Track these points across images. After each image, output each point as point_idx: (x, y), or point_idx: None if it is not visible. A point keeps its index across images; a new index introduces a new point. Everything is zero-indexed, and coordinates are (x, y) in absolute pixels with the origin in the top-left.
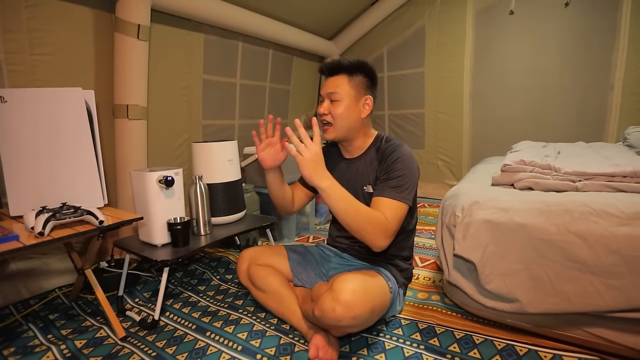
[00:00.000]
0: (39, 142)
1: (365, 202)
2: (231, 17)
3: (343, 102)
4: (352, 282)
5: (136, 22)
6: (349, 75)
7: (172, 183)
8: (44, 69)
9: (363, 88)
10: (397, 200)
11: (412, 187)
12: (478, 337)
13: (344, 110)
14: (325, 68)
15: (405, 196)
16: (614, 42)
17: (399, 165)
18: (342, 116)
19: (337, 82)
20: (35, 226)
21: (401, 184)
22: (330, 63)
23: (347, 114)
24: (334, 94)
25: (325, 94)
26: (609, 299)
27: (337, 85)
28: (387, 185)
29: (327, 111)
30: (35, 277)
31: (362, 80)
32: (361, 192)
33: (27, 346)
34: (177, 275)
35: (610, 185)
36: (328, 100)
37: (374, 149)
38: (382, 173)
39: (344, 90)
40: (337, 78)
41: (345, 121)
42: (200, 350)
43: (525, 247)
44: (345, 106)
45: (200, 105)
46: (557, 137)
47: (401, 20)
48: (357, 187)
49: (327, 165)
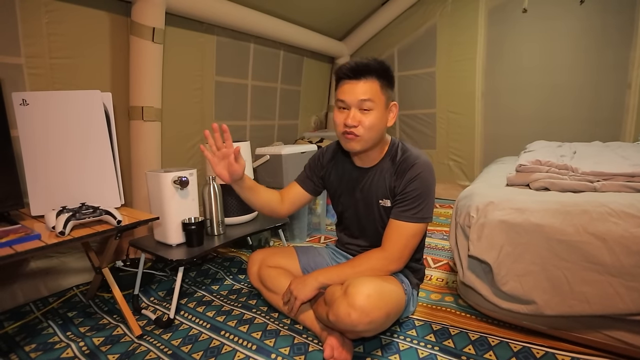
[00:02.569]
0: (58, 143)
1: (381, 216)
2: (243, 19)
3: (376, 110)
4: (366, 286)
5: (151, 25)
6: (379, 78)
7: (187, 183)
8: (63, 72)
9: (390, 93)
10: (414, 223)
11: (429, 204)
12: (493, 339)
13: (376, 121)
14: (349, 70)
15: (424, 215)
16: (632, 39)
17: (416, 184)
18: (375, 127)
19: (370, 88)
20: (57, 226)
21: (417, 204)
22: (356, 64)
23: (380, 124)
24: (368, 101)
25: (355, 101)
26: (629, 301)
27: (371, 91)
28: (404, 207)
29: (357, 122)
30: (54, 275)
31: (387, 84)
32: (376, 206)
33: (47, 343)
34: (190, 275)
35: (629, 185)
36: (356, 108)
37: (389, 159)
38: (399, 191)
39: (377, 97)
40: (369, 82)
41: (377, 132)
42: (215, 349)
43: (542, 248)
44: (377, 116)
45: (212, 107)
46: (571, 137)
47: (412, 20)
48: (372, 200)
49: (336, 169)
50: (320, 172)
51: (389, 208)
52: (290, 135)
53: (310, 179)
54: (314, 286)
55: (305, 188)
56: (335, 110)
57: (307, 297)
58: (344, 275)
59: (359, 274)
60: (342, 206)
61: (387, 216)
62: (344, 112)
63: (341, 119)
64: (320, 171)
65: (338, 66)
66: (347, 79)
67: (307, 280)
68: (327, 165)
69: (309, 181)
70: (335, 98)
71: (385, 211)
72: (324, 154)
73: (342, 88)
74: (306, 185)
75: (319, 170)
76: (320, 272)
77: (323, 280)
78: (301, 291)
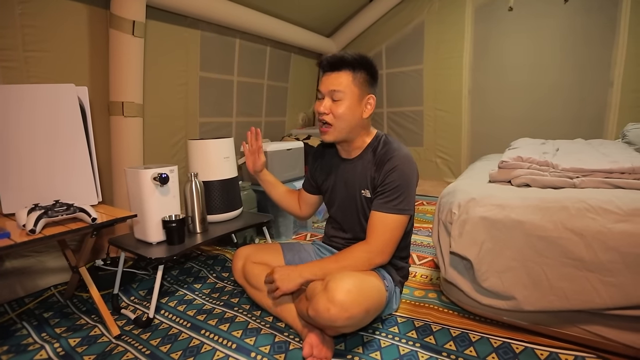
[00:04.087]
0: (31, 139)
1: (363, 206)
2: (228, 13)
3: (346, 101)
4: (346, 281)
5: (131, 18)
6: (353, 71)
7: (167, 180)
8: (38, 65)
9: (366, 86)
10: (394, 214)
11: (409, 196)
12: (474, 334)
13: (346, 110)
14: (326, 62)
15: (404, 207)
16: (614, 38)
17: (394, 176)
18: (344, 116)
19: (340, 79)
20: (27, 224)
21: (396, 196)
22: (332, 57)
23: (350, 114)
24: (337, 92)
25: (327, 91)
26: (606, 296)
27: (340, 83)
28: (384, 199)
29: (328, 110)
30: (31, 275)
31: (365, 77)
32: (359, 197)
33: (20, 344)
34: (173, 273)
35: (608, 181)
36: (329, 98)
37: (371, 150)
38: (379, 183)
39: (348, 88)
40: (340, 74)
41: (346, 122)
42: (194, 349)
43: (522, 244)
44: (348, 106)
45: (197, 103)
46: (556, 134)
47: (400, 17)
48: (355, 191)
49: (325, 167)
50: (312, 168)
51: (370, 199)
52: (277, 132)
53: (309, 180)
54: (297, 282)
55: (309, 191)
56: (316, 101)
57: (289, 291)
58: (327, 270)
59: (343, 269)
60: (329, 198)
61: (368, 207)
62: (320, 102)
63: (317, 108)
64: (313, 167)
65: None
66: (325, 70)
67: (291, 275)
68: (317, 159)
69: (309, 183)
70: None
71: (366, 202)
72: (315, 152)
73: (321, 79)
74: (309, 188)
75: (312, 167)
76: (305, 267)
77: (307, 275)
78: (284, 283)
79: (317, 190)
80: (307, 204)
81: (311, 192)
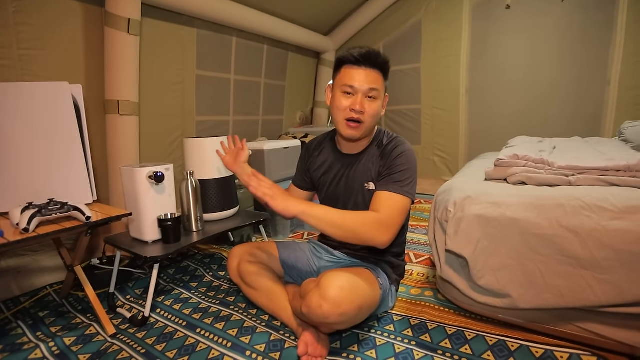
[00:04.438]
0: (24, 137)
1: (364, 200)
2: (224, 11)
3: (379, 100)
4: (339, 279)
5: (126, 16)
6: (382, 69)
7: (162, 179)
8: (32, 63)
9: (386, 85)
10: (399, 194)
11: (414, 182)
12: (470, 332)
13: (378, 110)
14: (362, 56)
15: (409, 190)
16: (611, 36)
17: (402, 160)
18: (376, 116)
19: (377, 78)
20: (20, 222)
21: (404, 178)
22: (370, 53)
23: (379, 113)
24: (375, 90)
25: (365, 88)
26: (600, 294)
27: (379, 81)
28: (390, 180)
29: (363, 109)
30: (27, 274)
31: (386, 76)
32: (361, 190)
33: (15, 344)
34: (169, 272)
35: (603, 179)
36: (363, 95)
37: (376, 145)
38: (384, 169)
39: (382, 87)
40: (376, 72)
41: (375, 120)
42: (190, 347)
43: (517, 242)
44: (380, 105)
45: (193, 101)
46: (554, 132)
47: (397, 15)
48: (357, 185)
49: (323, 162)
50: (306, 164)
51: (373, 191)
52: (275, 131)
53: (302, 176)
54: (293, 209)
55: (302, 187)
56: (339, 94)
57: (279, 208)
58: (329, 215)
59: (346, 222)
60: (326, 193)
61: (370, 199)
62: (350, 97)
63: (347, 104)
64: (306, 164)
65: (343, 51)
66: (356, 64)
67: (289, 201)
68: (312, 155)
69: (302, 178)
70: (337, 82)
71: (369, 194)
72: (309, 147)
73: (350, 73)
74: (301, 184)
75: (306, 163)
76: (308, 203)
77: (305, 208)
78: (278, 200)
79: (310, 187)
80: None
81: (304, 188)
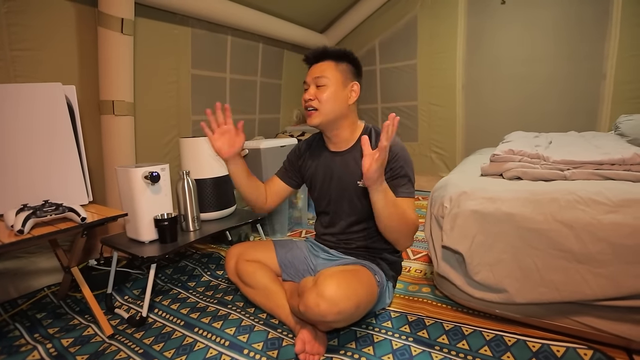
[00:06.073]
0: (18, 139)
1: (357, 197)
2: (218, 10)
3: (330, 86)
4: (336, 277)
5: (120, 16)
6: (335, 61)
7: (158, 179)
8: (25, 64)
9: (350, 74)
10: (410, 198)
11: (412, 179)
12: (467, 328)
13: (330, 95)
14: (310, 55)
15: (413, 191)
16: (606, 30)
17: (401, 162)
18: (329, 100)
19: (324, 67)
20: (15, 224)
21: (407, 182)
22: (315, 50)
23: (335, 98)
24: (321, 78)
25: (312, 79)
26: (596, 287)
27: (324, 70)
28: (398, 184)
29: (313, 96)
30: (24, 276)
31: (348, 67)
32: (353, 188)
33: (12, 346)
34: (167, 272)
35: (598, 173)
36: (314, 85)
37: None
38: (386, 171)
39: (331, 74)
40: (324, 64)
41: (332, 106)
42: (187, 347)
43: (513, 237)
44: (332, 91)
45: (189, 101)
46: (550, 127)
47: (393, 12)
48: (349, 182)
49: (313, 161)
50: (297, 162)
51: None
52: (271, 130)
53: (289, 171)
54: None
55: (285, 181)
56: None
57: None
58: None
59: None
60: (319, 192)
61: (364, 196)
62: (306, 92)
63: (303, 97)
64: (298, 161)
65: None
66: (308, 63)
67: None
68: (304, 154)
69: (288, 173)
70: None
71: (362, 192)
72: (301, 145)
73: (307, 73)
74: (286, 178)
75: (297, 161)
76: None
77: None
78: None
79: (296, 185)
80: (277, 194)
81: (289, 183)
